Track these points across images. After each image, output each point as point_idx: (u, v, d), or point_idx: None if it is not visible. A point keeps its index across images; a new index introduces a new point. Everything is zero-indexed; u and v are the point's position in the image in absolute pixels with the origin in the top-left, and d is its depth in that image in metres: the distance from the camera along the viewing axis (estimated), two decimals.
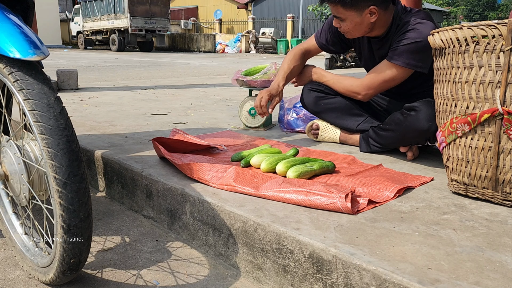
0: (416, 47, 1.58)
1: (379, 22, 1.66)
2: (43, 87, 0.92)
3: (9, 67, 0.93)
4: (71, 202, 0.89)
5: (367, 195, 1.24)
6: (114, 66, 8.44)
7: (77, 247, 0.93)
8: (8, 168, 1.05)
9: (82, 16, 20.14)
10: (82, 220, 0.91)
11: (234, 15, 27.18)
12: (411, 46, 1.59)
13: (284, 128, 2.24)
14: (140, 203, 1.51)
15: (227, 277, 1.13)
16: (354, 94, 1.80)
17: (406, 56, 1.60)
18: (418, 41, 1.57)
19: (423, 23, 1.59)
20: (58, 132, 0.89)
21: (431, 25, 1.58)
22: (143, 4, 17.58)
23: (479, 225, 1.08)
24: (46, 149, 0.88)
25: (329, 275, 0.94)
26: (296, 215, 1.12)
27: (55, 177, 0.87)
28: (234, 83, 2.18)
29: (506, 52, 1.09)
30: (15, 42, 0.92)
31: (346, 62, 9.46)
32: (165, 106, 3.07)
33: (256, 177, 1.37)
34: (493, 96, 1.13)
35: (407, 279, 0.82)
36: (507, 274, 0.85)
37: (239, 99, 3.46)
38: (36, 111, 0.89)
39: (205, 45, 20.54)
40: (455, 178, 1.28)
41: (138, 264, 1.19)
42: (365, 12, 1.61)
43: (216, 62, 11.13)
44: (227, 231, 1.17)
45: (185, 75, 6.50)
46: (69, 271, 0.96)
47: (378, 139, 1.75)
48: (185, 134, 1.87)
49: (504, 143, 1.14)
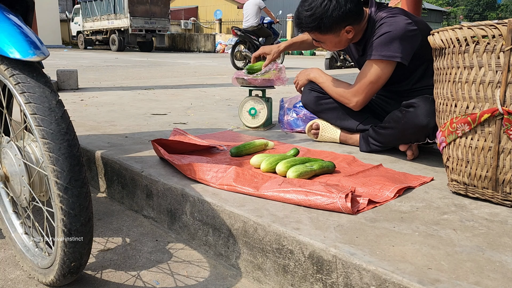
0: (387, 37, 1.62)
1: (357, 33, 1.74)
2: (44, 91, 0.91)
3: (11, 69, 0.92)
4: (72, 206, 0.88)
5: (367, 195, 1.24)
6: (114, 66, 8.44)
7: (78, 251, 0.93)
8: (8, 169, 1.05)
9: (82, 16, 20.12)
10: (83, 225, 0.91)
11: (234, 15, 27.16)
12: (382, 38, 1.63)
13: (284, 128, 2.24)
14: (140, 203, 1.51)
15: (227, 277, 1.13)
16: (345, 102, 1.82)
17: (381, 49, 1.64)
18: (388, 31, 1.62)
19: (394, 16, 1.65)
20: (60, 136, 0.88)
21: (403, 18, 1.63)
22: (143, 4, 17.57)
23: (479, 225, 1.08)
24: (47, 153, 0.87)
25: (329, 275, 0.94)
26: (296, 215, 1.12)
27: (57, 181, 0.87)
28: (234, 82, 2.18)
29: (506, 52, 1.09)
30: (15, 42, 0.92)
31: (346, 62, 9.45)
32: (165, 106, 3.07)
33: (256, 177, 1.37)
34: (493, 96, 1.13)
35: (407, 279, 0.82)
36: (507, 274, 0.85)
37: (239, 99, 3.46)
38: (38, 115, 0.88)
39: (205, 45, 20.53)
40: (455, 178, 1.28)
41: (138, 264, 1.19)
42: (341, 32, 1.69)
43: (216, 62, 11.13)
44: (227, 231, 1.17)
45: (185, 75, 6.50)
46: (70, 274, 0.96)
47: (377, 137, 1.75)
48: (185, 134, 1.87)
49: (504, 143, 1.14)
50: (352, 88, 1.76)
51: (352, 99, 1.77)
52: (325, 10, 1.62)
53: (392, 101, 1.92)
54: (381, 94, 1.98)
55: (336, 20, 1.64)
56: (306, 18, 1.66)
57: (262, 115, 2.19)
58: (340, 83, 1.86)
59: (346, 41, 1.74)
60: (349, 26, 1.67)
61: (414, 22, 1.63)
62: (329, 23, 1.64)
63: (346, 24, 1.66)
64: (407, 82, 1.79)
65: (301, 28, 1.72)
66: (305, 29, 1.71)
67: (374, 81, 1.69)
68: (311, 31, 1.70)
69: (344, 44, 1.76)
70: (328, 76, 1.91)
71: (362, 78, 1.72)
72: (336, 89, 1.84)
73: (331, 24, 1.65)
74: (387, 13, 1.68)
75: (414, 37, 1.62)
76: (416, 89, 1.79)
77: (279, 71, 2.10)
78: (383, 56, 1.63)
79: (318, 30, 1.68)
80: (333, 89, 1.85)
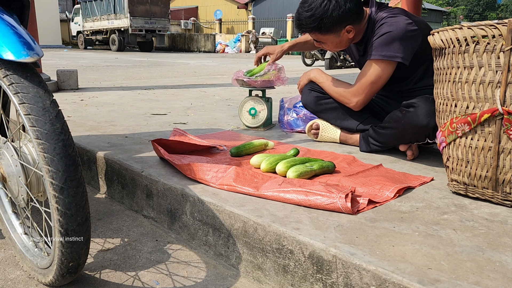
0: (388, 37, 1.62)
1: (357, 32, 1.74)
2: (38, 91, 0.90)
3: (4, 69, 0.92)
4: (68, 207, 0.88)
5: (367, 195, 1.24)
6: (114, 66, 8.44)
7: (75, 251, 0.92)
8: (5, 170, 1.04)
9: (82, 16, 20.13)
10: (80, 225, 0.90)
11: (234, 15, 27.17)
12: (383, 38, 1.63)
13: (284, 128, 2.24)
14: (140, 203, 1.51)
15: (227, 277, 1.13)
16: (345, 102, 1.82)
17: (381, 49, 1.64)
18: (388, 31, 1.62)
19: (394, 16, 1.66)
20: (54, 136, 0.87)
21: (403, 18, 1.64)
22: (143, 4, 17.58)
23: (479, 225, 1.08)
24: (42, 154, 0.86)
25: (329, 275, 0.94)
26: (296, 215, 1.12)
27: (52, 182, 0.86)
28: (234, 83, 2.17)
29: (506, 52, 1.09)
30: (8, 43, 0.91)
31: (346, 62, 9.46)
32: (165, 106, 3.07)
33: (256, 177, 1.37)
34: (493, 96, 1.13)
35: (407, 279, 0.82)
36: (507, 274, 0.85)
37: (239, 99, 3.46)
38: (32, 116, 0.87)
39: (205, 45, 20.53)
40: (455, 178, 1.28)
41: (138, 264, 1.19)
42: (342, 32, 1.70)
43: (216, 62, 11.13)
44: (227, 231, 1.17)
45: (185, 75, 6.50)
46: (68, 274, 0.96)
47: (377, 137, 1.75)
48: (185, 134, 1.87)
49: (504, 143, 1.14)
50: (352, 88, 1.76)
51: (352, 99, 1.77)
52: (325, 10, 1.62)
53: (392, 101, 1.92)
54: (381, 94, 1.98)
55: (336, 20, 1.64)
56: (306, 19, 1.66)
57: (262, 115, 2.19)
58: (340, 83, 1.86)
59: (347, 41, 1.75)
60: (350, 26, 1.67)
61: (414, 22, 1.63)
62: (329, 23, 1.64)
63: (346, 23, 1.66)
64: (408, 82, 1.79)
65: (302, 29, 1.72)
66: (306, 30, 1.71)
67: (375, 81, 1.69)
68: (311, 31, 1.70)
69: (345, 44, 1.76)
70: (328, 76, 1.91)
71: (362, 78, 1.72)
72: (336, 89, 1.84)
73: (332, 24, 1.65)
74: (387, 13, 1.68)
75: (414, 37, 1.62)
76: (416, 88, 1.79)
77: (278, 71, 2.10)
78: (383, 56, 1.63)
79: (319, 31, 1.69)
80: (333, 89, 1.85)
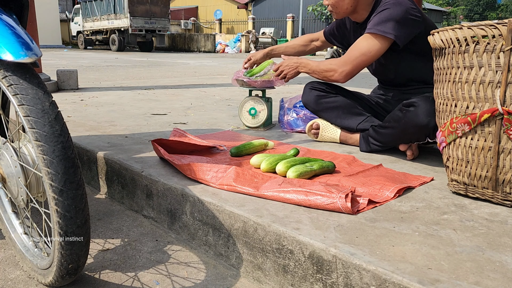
0: (385, 14, 1.62)
1: (362, 4, 1.74)
2: (37, 92, 0.90)
3: (3, 70, 0.91)
4: (68, 209, 0.88)
5: (367, 195, 1.24)
6: (114, 66, 8.43)
7: (75, 253, 0.92)
8: (5, 170, 1.04)
9: (82, 16, 20.12)
10: (79, 227, 0.90)
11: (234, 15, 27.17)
12: (381, 14, 1.64)
13: (284, 128, 2.24)
14: (140, 203, 1.51)
15: (227, 277, 1.13)
16: (331, 74, 1.73)
17: (377, 24, 1.64)
18: (388, 9, 1.62)
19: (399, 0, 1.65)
20: (53, 138, 0.87)
21: (408, 2, 1.63)
22: (143, 4, 17.57)
23: (479, 225, 1.08)
24: (41, 156, 0.86)
25: (329, 275, 0.94)
26: (296, 215, 1.12)
27: (51, 184, 0.86)
28: (234, 83, 2.17)
29: (506, 52, 1.09)
30: (7, 43, 0.90)
31: None
32: (165, 106, 3.07)
33: (256, 177, 1.37)
34: (493, 96, 1.13)
35: (407, 279, 0.82)
36: (507, 274, 0.85)
37: (239, 99, 3.46)
38: (31, 117, 0.87)
39: (205, 45, 20.53)
40: (455, 178, 1.28)
41: (138, 264, 1.19)
42: None
43: (216, 62, 11.13)
44: (227, 231, 1.17)
45: (185, 75, 6.50)
46: (68, 275, 0.95)
47: (377, 137, 1.75)
48: (185, 134, 1.87)
49: (504, 143, 1.14)
50: (341, 58, 1.74)
51: (339, 69, 1.70)
52: None
53: (392, 101, 1.92)
54: (381, 93, 1.98)
55: None
56: None
57: (262, 115, 2.19)
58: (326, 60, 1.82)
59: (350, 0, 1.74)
60: None
61: (420, 12, 1.63)
62: None
63: None
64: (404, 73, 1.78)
65: None
66: None
67: (364, 53, 1.66)
68: None
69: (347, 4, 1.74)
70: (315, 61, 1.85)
71: (353, 50, 1.70)
72: (323, 64, 1.77)
73: None
74: None
75: (414, 22, 1.62)
76: (416, 88, 1.79)
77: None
78: (377, 30, 1.63)
79: None
80: (320, 67, 1.77)
